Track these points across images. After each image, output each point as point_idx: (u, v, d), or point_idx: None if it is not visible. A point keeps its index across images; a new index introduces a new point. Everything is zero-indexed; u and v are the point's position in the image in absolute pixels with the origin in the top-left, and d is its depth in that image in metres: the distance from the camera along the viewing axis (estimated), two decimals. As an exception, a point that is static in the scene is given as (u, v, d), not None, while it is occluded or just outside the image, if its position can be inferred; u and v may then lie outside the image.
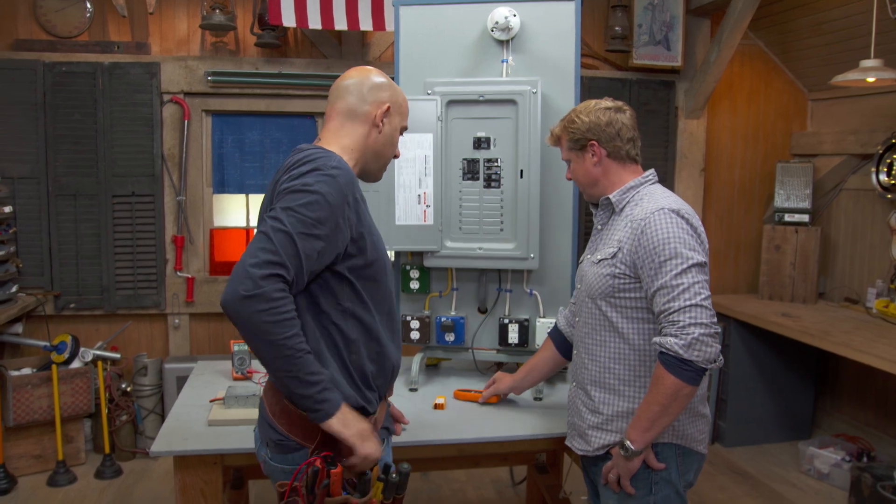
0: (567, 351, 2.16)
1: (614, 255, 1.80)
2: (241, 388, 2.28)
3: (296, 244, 1.44)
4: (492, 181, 2.50)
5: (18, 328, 3.76)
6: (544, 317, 2.54)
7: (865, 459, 3.64)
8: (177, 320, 4.07)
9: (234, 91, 4.00)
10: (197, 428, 2.09)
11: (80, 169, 3.86)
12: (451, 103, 2.48)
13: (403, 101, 1.76)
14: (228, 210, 4.65)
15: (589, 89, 4.10)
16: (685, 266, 1.66)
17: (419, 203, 2.49)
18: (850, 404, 4.20)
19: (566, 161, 1.97)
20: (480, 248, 2.50)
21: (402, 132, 1.78)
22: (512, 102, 2.43)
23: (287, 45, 4.07)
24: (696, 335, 1.61)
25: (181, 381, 3.58)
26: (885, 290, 3.86)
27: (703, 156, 4.45)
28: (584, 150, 1.89)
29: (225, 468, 2.01)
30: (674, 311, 1.64)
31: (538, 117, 2.41)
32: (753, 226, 4.63)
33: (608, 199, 1.89)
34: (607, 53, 4.28)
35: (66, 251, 3.88)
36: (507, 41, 2.52)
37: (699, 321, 1.62)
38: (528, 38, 2.52)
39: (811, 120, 4.60)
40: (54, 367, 3.55)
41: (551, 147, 2.06)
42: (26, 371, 3.61)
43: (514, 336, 2.54)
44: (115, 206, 3.91)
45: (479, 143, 2.49)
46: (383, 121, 1.69)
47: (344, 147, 1.65)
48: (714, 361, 1.64)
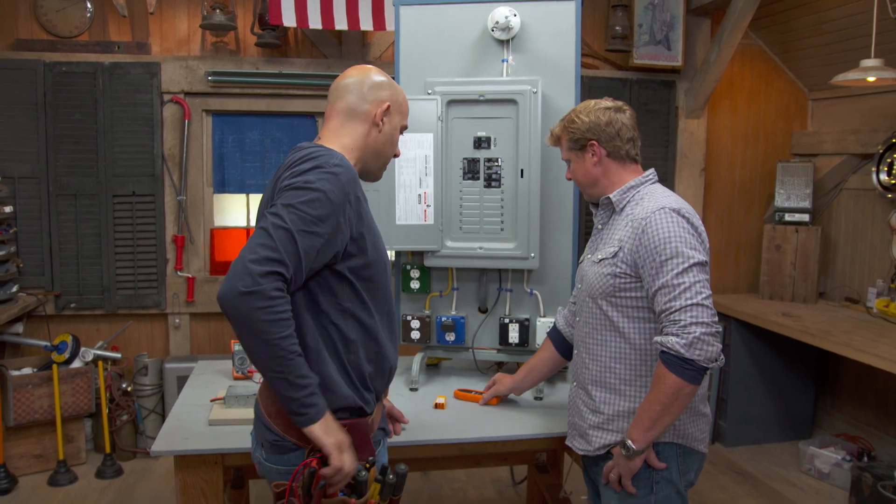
0: (566, 351, 2.16)
1: (615, 255, 1.80)
2: (242, 387, 2.28)
3: (296, 242, 1.43)
4: (492, 181, 2.50)
5: (19, 328, 3.76)
6: (545, 316, 2.54)
7: (866, 459, 3.64)
8: (177, 320, 4.07)
9: (235, 91, 4.00)
10: (197, 427, 2.09)
11: (80, 169, 3.86)
12: (451, 103, 2.48)
13: (403, 99, 1.75)
14: (229, 210, 4.65)
15: (589, 89, 4.10)
16: (686, 265, 1.66)
17: (419, 203, 2.49)
18: (850, 404, 4.20)
19: (566, 161, 1.97)
20: (481, 248, 2.50)
21: (402, 131, 1.77)
22: (512, 102, 2.43)
23: (287, 45, 4.07)
24: (697, 334, 1.61)
25: (182, 380, 3.58)
26: (886, 289, 3.86)
27: (704, 155, 4.45)
28: (584, 149, 1.89)
29: (225, 468, 2.01)
30: (675, 311, 1.64)
31: (538, 117, 2.41)
32: (754, 225, 4.63)
33: (608, 198, 1.89)
34: (607, 53, 4.28)
35: (66, 251, 3.88)
36: (508, 41, 2.52)
37: (700, 320, 1.62)
38: (528, 38, 2.52)
39: (811, 119, 4.60)
40: (55, 366, 3.55)
41: (551, 147, 2.06)
42: (27, 371, 3.61)
43: (514, 336, 2.54)
44: (115, 205, 3.91)
45: (480, 143, 2.49)
46: (383, 120, 1.68)
47: (344, 146, 1.64)
48: (715, 360, 1.64)
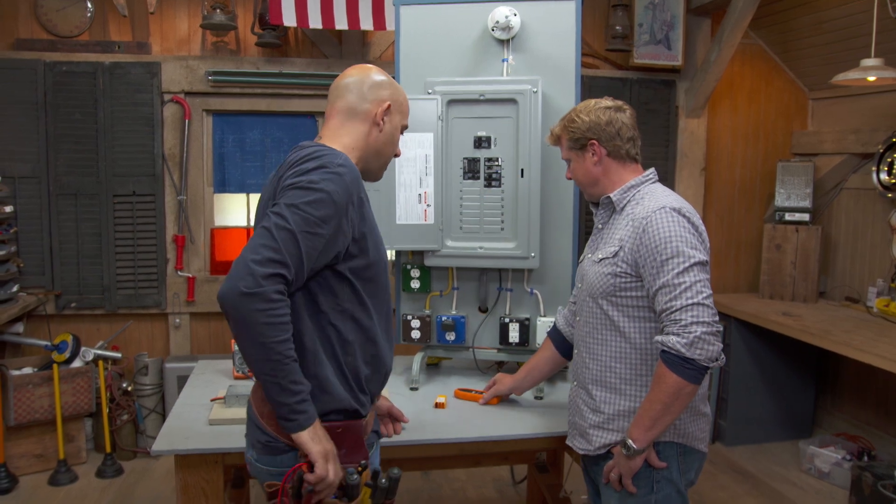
0: (566, 351, 2.16)
1: (615, 254, 1.79)
2: (242, 387, 2.27)
3: (298, 243, 1.42)
4: (492, 180, 2.50)
5: (19, 327, 3.76)
6: (545, 316, 2.54)
7: (866, 458, 3.64)
8: (177, 320, 4.07)
9: (235, 91, 4.00)
10: (198, 427, 2.09)
11: (80, 168, 3.86)
12: (451, 102, 2.48)
13: (404, 99, 1.75)
14: (229, 209, 4.65)
15: (589, 88, 4.10)
16: (687, 265, 1.66)
17: (420, 202, 2.49)
18: (850, 403, 4.20)
19: (566, 160, 1.97)
20: (481, 248, 2.50)
21: (402, 131, 1.76)
22: (512, 102, 2.43)
23: (287, 45, 4.07)
24: (698, 333, 1.61)
25: (182, 380, 3.58)
26: (886, 289, 3.86)
27: (704, 155, 4.45)
28: (585, 149, 1.89)
29: (226, 467, 2.01)
30: (676, 310, 1.64)
31: (538, 117, 2.41)
32: (754, 225, 4.63)
33: (609, 198, 1.88)
34: (608, 53, 4.28)
35: (66, 251, 3.88)
36: (508, 40, 2.52)
37: (701, 319, 1.62)
38: (528, 38, 2.52)
39: (812, 119, 4.60)
40: (55, 366, 3.55)
41: (552, 146, 2.06)
42: (27, 370, 3.61)
43: (514, 335, 2.54)
44: (115, 205, 3.91)
45: (480, 143, 2.49)
46: (384, 119, 1.68)
47: (345, 146, 1.63)
48: (716, 360, 1.64)
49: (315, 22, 3.66)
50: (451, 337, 2.58)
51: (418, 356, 2.57)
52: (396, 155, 1.78)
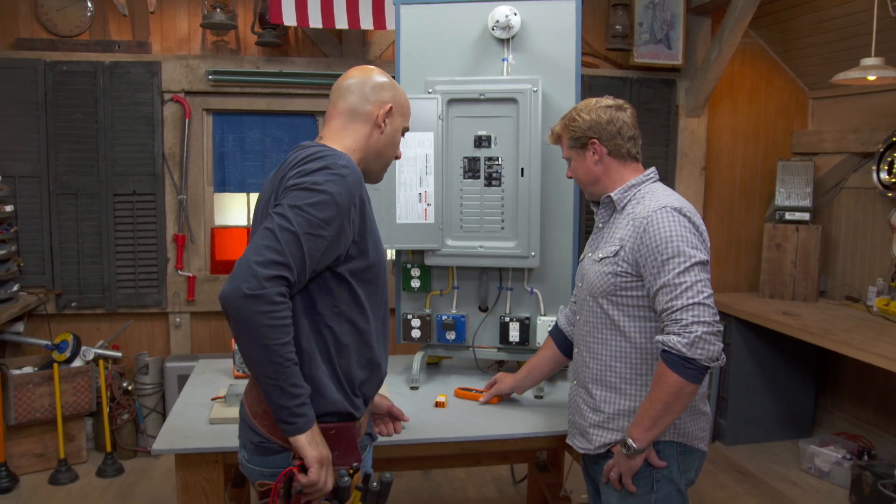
0: (568, 350, 2.16)
1: (616, 254, 1.79)
2: (243, 386, 2.26)
3: (301, 245, 1.42)
4: (492, 180, 2.50)
5: (20, 327, 3.76)
6: (545, 315, 2.54)
7: (866, 458, 3.64)
8: (178, 319, 4.07)
9: (235, 90, 4.00)
10: (198, 426, 2.09)
11: (81, 168, 3.86)
12: (451, 102, 2.48)
13: (405, 101, 1.74)
14: (229, 209, 4.66)
15: (590, 88, 4.10)
16: (688, 264, 1.66)
17: (420, 201, 2.49)
18: (850, 402, 4.21)
19: (567, 159, 1.97)
20: (481, 247, 2.50)
21: (403, 133, 1.76)
22: (513, 101, 2.44)
23: (288, 44, 4.07)
24: (699, 333, 1.61)
25: (182, 379, 3.58)
26: (886, 288, 3.86)
27: (704, 154, 4.45)
28: (585, 148, 1.89)
29: (226, 466, 2.01)
30: (677, 310, 1.64)
31: (539, 116, 2.41)
32: (754, 224, 4.63)
33: (609, 197, 1.88)
34: (608, 52, 4.28)
35: (67, 250, 3.88)
36: (508, 40, 2.52)
37: (702, 319, 1.62)
38: (528, 37, 2.52)
39: (812, 118, 4.60)
40: (56, 365, 3.55)
41: (552, 145, 2.06)
42: (28, 370, 3.61)
43: (514, 334, 2.54)
44: (116, 204, 3.91)
45: (480, 142, 2.50)
46: (385, 121, 1.67)
47: (346, 146, 1.63)
48: (716, 360, 1.64)
49: (315, 21, 3.66)
50: (451, 336, 2.58)
51: (418, 355, 2.58)
52: (397, 157, 1.77)
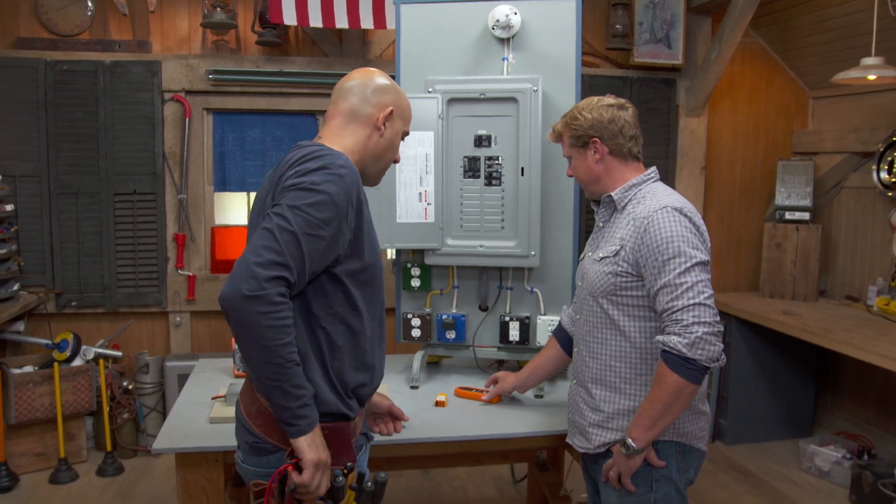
0: (571, 349, 2.16)
1: (616, 254, 1.79)
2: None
3: (300, 245, 1.41)
4: (493, 179, 2.50)
5: (20, 326, 3.76)
6: (545, 314, 2.54)
7: (866, 457, 3.64)
8: (178, 318, 4.07)
9: (235, 89, 4.00)
10: (199, 425, 2.09)
11: (81, 167, 3.86)
12: (451, 101, 2.48)
13: (407, 105, 1.73)
14: (230, 208, 4.67)
15: (590, 87, 4.10)
16: (688, 265, 1.66)
17: (420, 201, 2.49)
18: (850, 402, 4.21)
19: (567, 158, 1.97)
20: (481, 246, 2.50)
21: (403, 137, 1.75)
22: (513, 100, 2.44)
23: (288, 44, 4.07)
24: (699, 334, 1.61)
25: (182, 378, 3.58)
26: (886, 287, 3.86)
27: (704, 154, 4.45)
28: (587, 147, 1.88)
29: (227, 465, 2.01)
30: (677, 310, 1.64)
31: (539, 115, 2.41)
32: (754, 224, 4.63)
33: (610, 196, 1.88)
34: (608, 51, 4.28)
35: (67, 249, 3.88)
36: (508, 39, 2.52)
37: (703, 320, 1.62)
38: (528, 36, 2.52)
39: (812, 118, 4.60)
40: (56, 364, 3.56)
41: (552, 145, 2.06)
42: (28, 369, 3.62)
43: (514, 334, 2.54)
44: (116, 204, 3.91)
45: (480, 141, 2.50)
46: (385, 124, 1.67)
47: (345, 147, 1.62)
48: (717, 360, 1.64)
49: (315, 21, 3.66)
50: (451, 335, 2.58)
51: (419, 355, 2.58)
52: (396, 161, 1.76)
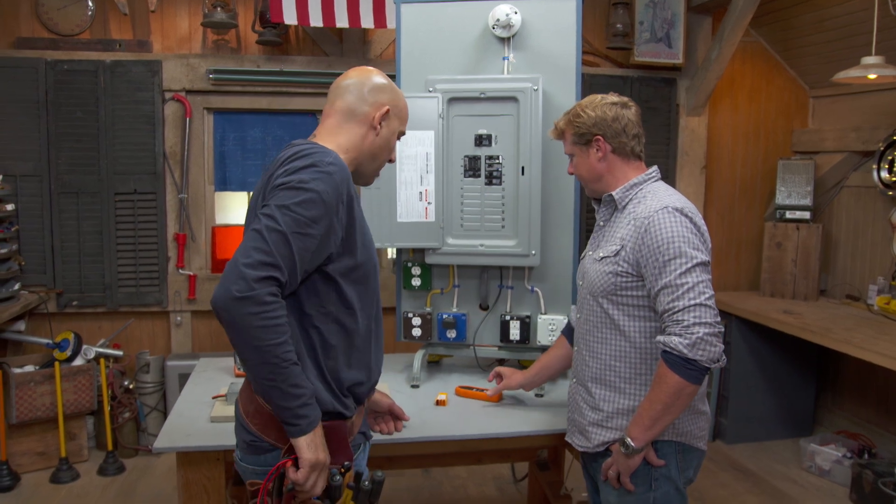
0: None
1: (617, 253, 1.79)
2: (244, 384, 2.28)
3: (290, 244, 1.41)
4: (493, 178, 2.50)
5: (21, 326, 3.77)
6: (546, 313, 2.54)
7: (867, 456, 3.64)
8: (179, 318, 4.08)
9: (236, 89, 4.00)
10: (199, 424, 2.09)
11: (82, 167, 3.86)
12: (452, 101, 2.48)
13: (404, 105, 1.73)
14: (230, 207, 4.67)
15: (590, 87, 4.10)
16: (689, 265, 1.66)
17: (421, 200, 2.49)
18: (851, 401, 4.21)
19: (569, 155, 1.95)
20: (482, 245, 2.51)
21: (399, 137, 1.75)
22: (513, 100, 2.44)
23: (288, 43, 4.07)
24: (700, 334, 1.60)
25: (183, 378, 3.57)
26: (887, 287, 3.86)
27: (705, 153, 4.45)
28: (589, 144, 1.87)
29: (227, 464, 2.01)
30: (678, 311, 1.64)
31: (539, 114, 2.41)
32: (755, 223, 4.63)
33: (611, 195, 1.88)
34: (608, 51, 4.28)
35: (68, 249, 3.89)
36: (508, 38, 2.52)
37: (703, 320, 1.62)
38: (529, 36, 2.52)
39: (812, 117, 4.60)
40: (57, 364, 3.56)
41: (552, 144, 2.06)
42: (29, 368, 3.62)
43: (515, 333, 2.54)
44: (117, 203, 3.92)
45: (481, 141, 2.50)
46: (381, 123, 1.66)
47: (339, 146, 1.62)
48: (717, 361, 1.63)
49: (316, 20, 3.66)
50: (451, 334, 2.58)
51: (419, 354, 2.58)
52: (391, 160, 1.75)
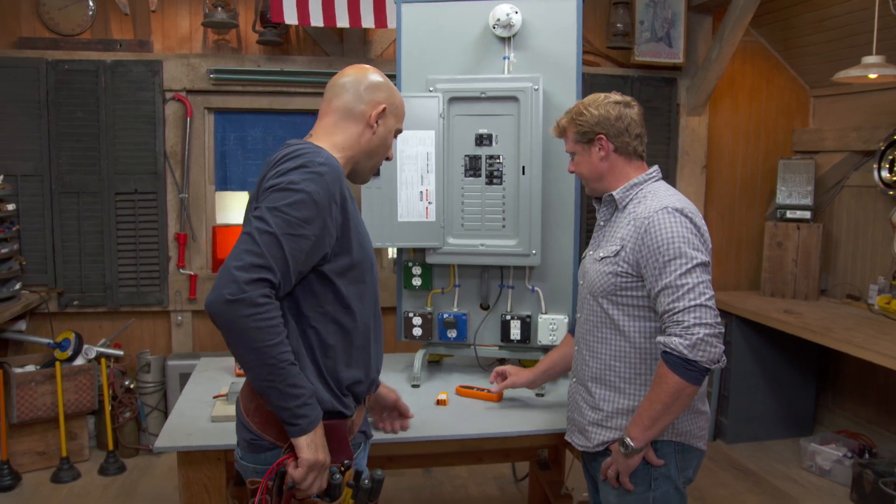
0: None
1: (617, 254, 1.79)
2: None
3: (282, 246, 1.41)
4: (494, 178, 2.50)
5: (22, 325, 3.77)
6: (546, 313, 2.55)
7: (867, 456, 3.64)
8: (179, 317, 4.08)
9: (237, 88, 4.01)
10: (200, 424, 2.10)
11: (83, 166, 3.87)
12: (452, 100, 2.48)
13: (400, 103, 1.73)
14: (231, 207, 4.67)
15: (590, 86, 4.09)
16: (689, 266, 1.66)
17: (421, 200, 2.49)
18: (851, 401, 4.21)
19: (570, 153, 1.94)
20: (482, 245, 2.51)
21: (396, 135, 1.75)
22: (513, 99, 2.44)
23: (289, 43, 4.07)
24: (700, 335, 1.60)
25: (184, 377, 3.57)
26: (887, 286, 3.86)
27: (705, 153, 4.45)
28: (592, 143, 1.87)
29: (228, 464, 2.01)
30: (678, 311, 1.64)
31: (540, 114, 2.41)
32: (755, 222, 4.63)
33: (611, 195, 1.87)
34: (609, 50, 4.28)
35: (69, 248, 3.89)
36: (509, 38, 2.52)
37: (704, 321, 1.61)
38: (529, 35, 2.52)
39: (813, 116, 4.60)
40: (58, 364, 3.56)
41: (553, 144, 2.06)
42: (30, 368, 3.62)
43: (516, 332, 2.54)
44: (117, 203, 3.92)
45: (481, 140, 2.50)
46: (378, 122, 1.66)
47: (335, 144, 1.62)
48: (718, 362, 1.63)
49: (316, 20, 3.66)
50: (452, 334, 2.58)
51: (420, 353, 2.58)
52: (388, 158, 1.75)
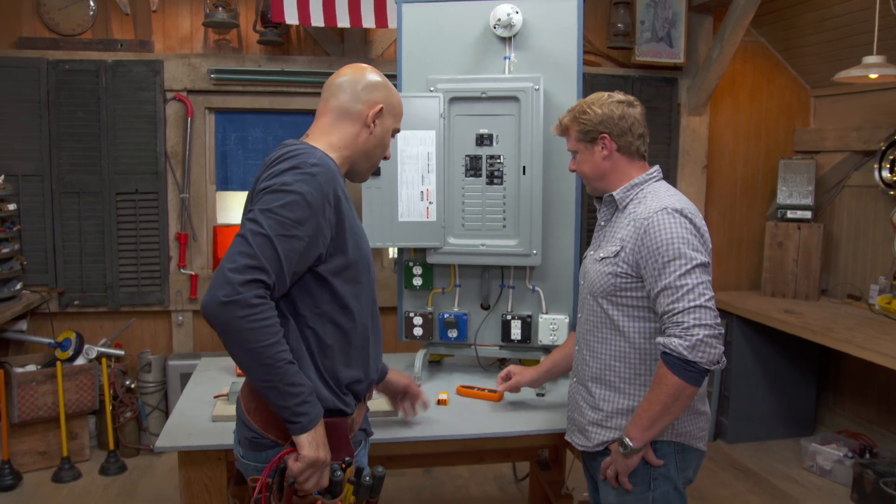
0: None
1: (617, 254, 1.79)
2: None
3: (275, 247, 1.41)
4: (494, 178, 2.50)
5: (23, 325, 3.77)
6: (547, 313, 2.55)
7: (868, 456, 3.64)
8: (180, 317, 4.08)
9: (237, 88, 4.01)
10: (201, 424, 2.10)
11: (83, 166, 3.87)
12: (453, 100, 2.48)
13: (398, 102, 1.72)
14: (231, 207, 4.65)
15: (591, 86, 4.09)
16: (689, 267, 1.66)
17: (422, 200, 2.50)
18: (852, 401, 4.21)
19: (572, 152, 1.93)
20: (483, 245, 2.51)
21: (393, 134, 1.75)
22: (514, 99, 2.44)
23: (290, 43, 4.07)
24: (700, 336, 1.60)
25: (185, 377, 3.58)
26: (888, 286, 3.86)
27: (706, 153, 4.45)
28: (595, 142, 1.86)
29: (229, 463, 2.02)
30: (678, 312, 1.63)
31: (540, 114, 2.41)
32: (756, 222, 4.63)
33: (612, 196, 1.87)
34: (609, 50, 4.28)
35: (69, 248, 3.89)
36: (510, 38, 2.52)
37: (704, 322, 1.61)
38: (530, 35, 2.52)
39: (814, 116, 4.59)
40: (59, 363, 3.56)
41: (554, 143, 2.05)
42: (31, 368, 3.63)
43: (516, 332, 2.54)
44: (118, 203, 3.92)
45: (482, 140, 2.50)
46: (375, 121, 1.66)
47: (332, 144, 1.62)
48: (717, 362, 1.63)
49: (317, 20, 3.67)
50: (453, 334, 2.58)
51: (420, 353, 2.58)
52: (386, 158, 1.75)
